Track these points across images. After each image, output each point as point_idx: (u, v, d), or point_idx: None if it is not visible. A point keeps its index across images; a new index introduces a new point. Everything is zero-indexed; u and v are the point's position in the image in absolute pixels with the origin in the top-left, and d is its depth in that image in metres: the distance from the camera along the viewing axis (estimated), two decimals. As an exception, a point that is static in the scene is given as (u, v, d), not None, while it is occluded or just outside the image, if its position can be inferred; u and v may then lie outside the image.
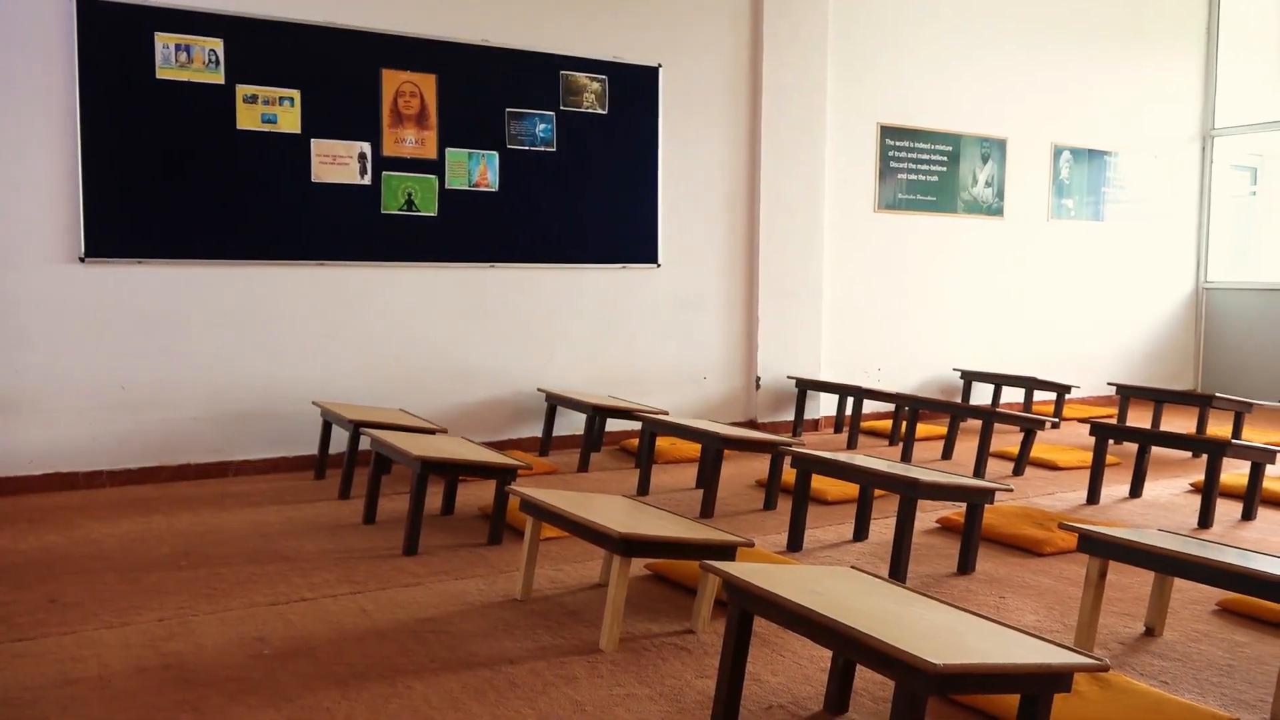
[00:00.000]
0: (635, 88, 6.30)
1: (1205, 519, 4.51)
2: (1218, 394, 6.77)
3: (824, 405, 7.17)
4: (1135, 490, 5.10)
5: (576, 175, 6.15)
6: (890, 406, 7.19)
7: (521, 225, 6.00)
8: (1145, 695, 2.51)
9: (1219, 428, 6.89)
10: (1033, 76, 8.04)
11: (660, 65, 6.37)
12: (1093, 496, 4.96)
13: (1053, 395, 7.89)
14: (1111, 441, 5.16)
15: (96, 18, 4.88)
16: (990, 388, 7.75)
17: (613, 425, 6.28)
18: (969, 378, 7.63)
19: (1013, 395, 7.93)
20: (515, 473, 4.02)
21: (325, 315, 5.51)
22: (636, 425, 6.21)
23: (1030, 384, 7.35)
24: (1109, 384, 7.86)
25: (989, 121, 7.84)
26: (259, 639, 2.98)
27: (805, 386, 6.81)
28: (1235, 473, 5.21)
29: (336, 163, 5.48)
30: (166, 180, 5.09)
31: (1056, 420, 5.78)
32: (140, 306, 5.07)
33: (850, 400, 6.82)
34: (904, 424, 6.37)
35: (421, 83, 5.67)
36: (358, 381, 5.61)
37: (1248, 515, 4.65)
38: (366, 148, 5.55)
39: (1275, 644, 3.02)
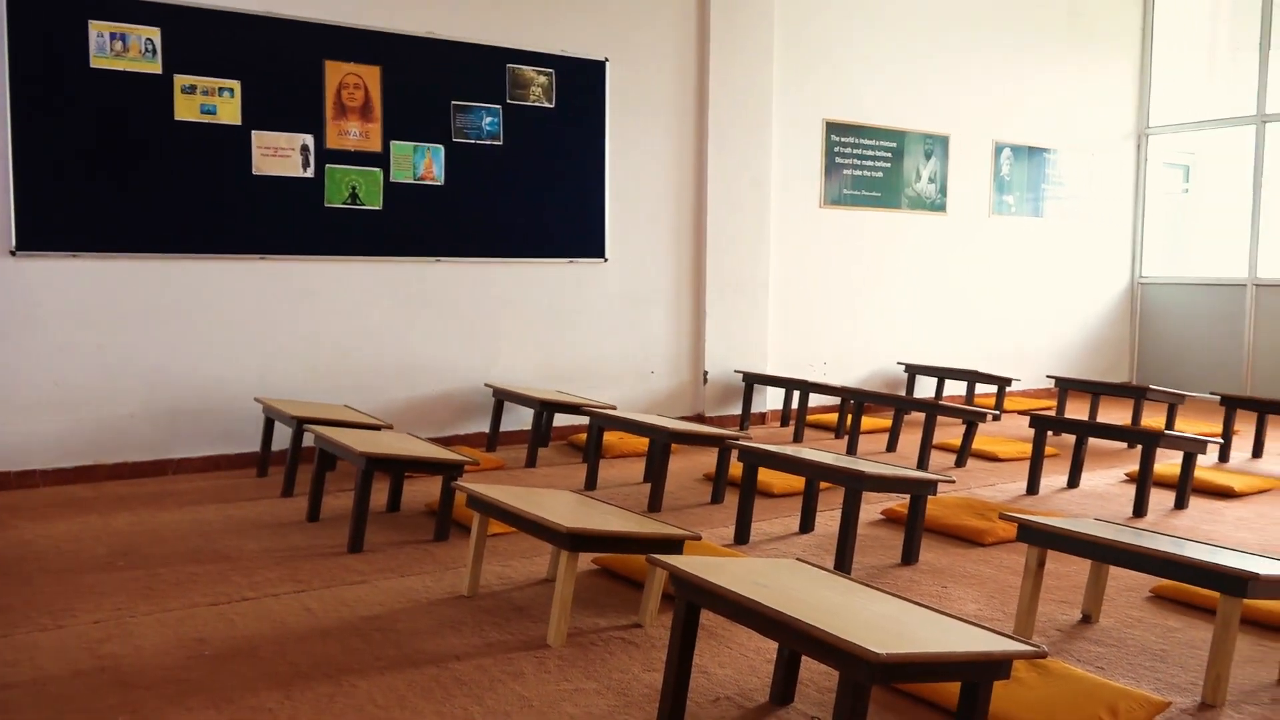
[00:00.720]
0: (582, 81, 6.29)
1: (1140, 508, 4.63)
2: (1152, 386, 6.94)
3: (771, 399, 7.22)
4: (1073, 480, 5.22)
5: (524, 169, 6.12)
6: (836, 400, 7.27)
7: (468, 219, 5.96)
8: (1081, 680, 2.56)
9: (1153, 419, 7.06)
10: (974, 75, 8.17)
11: (607, 59, 6.36)
12: (1032, 487, 5.06)
13: (994, 388, 8.03)
14: (1050, 433, 5.28)
15: (27, 4, 4.75)
16: (933, 381, 7.86)
17: (560, 420, 6.27)
18: (913, 371, 7.74)
19: (955, 388, 8.06)
20: (462, 468, 4.00)
21: (267, 310, 5.43)
22: (584, 420, 6.21)
23: (972, 377, 7.48)
24: (1048, 377, 8.01)
25: (932, 118, 7.95)
26: (199, 640, 2.93)
27: (752, 380, 6.86)
28: (1168, 463, 5.34)
29: (278, 155, 5.40)
30: (102, 172, 4.97)
31: (997, 413, 5.88)
32: (75, 301, 4.95)
33: (796, 394, 6.88)
34: (849, 417, 6.44)
35: (365, 74, 5.60)
36: (301, 377, 5.53)
37: (1180, 504, 4.78)
38: (309, 140, 5.47)
39: (1206, 629, 3.11)
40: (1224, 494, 5.05)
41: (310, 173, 5.48)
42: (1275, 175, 8.39)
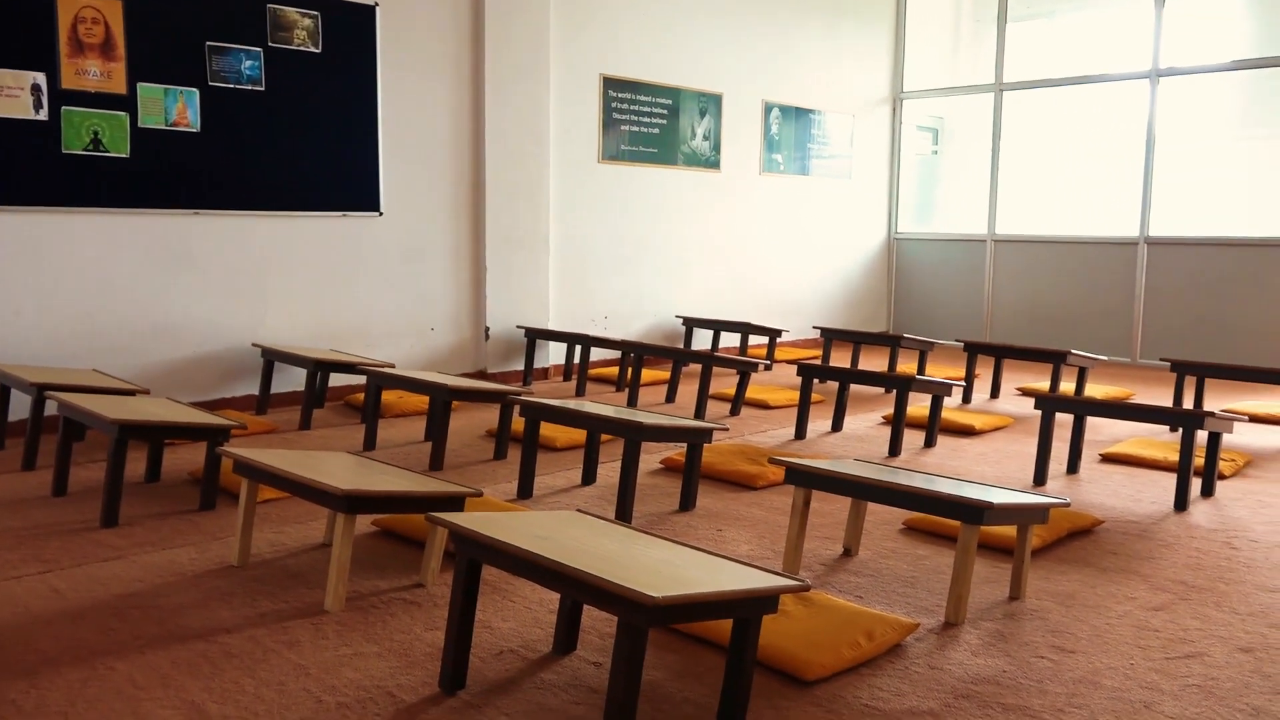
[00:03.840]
0: (351, 27, 6.00)
1: (895, 448, 4.99)
2: (905, 335, 7.46)
3: (553, 354, 7.25)
4: (837, 424, 5.55)
5: (289, 117, 5.79)
6: (617, 354, 7.39)
7: (228, 169, 5.59)
8: (843, 610, 2.75)
9: (906, 365, 7.61)
10: (745, 36, 8.40)
11: (377, 4, 6.10)
12: (800, 432, 5.35)
13: (765, 339, 8.40)
14: (816, 381, 5.58)
15: None
16: (709, 333, 8.13)
17: (336, 380, 6.05)
18: (690, 324, 7.97)
19: (730, 340, 8.38)
20: (228, 433, 3.79)
21: (-3, 267, 4.92)
22: (362, 379, 6.02)
23: (745, 329, 7.79)
24: (814, 328, 8.47)
25: (706, 78, 8.13)
26: (-74, 631, 2.65)
27: (534, 336, 6.86)
28: (919, 405, 5.78)
29: (4, 95, 4.86)
30: None
31: (769, 363, 6.16)
32: None
33: (578, 348, 6.94)
34: (629, 370, 6.57)
35: (105, 8, 5.12)
36: (41, 340, 5.05)
37: (929, 443, 5.19)
38: (40, 79, 4.95)
39: (950, 556, 3.40)
40: (967, 432, 5.51)
41: (44, 115, 4.98)
42: (1012, 140, 9.15)
